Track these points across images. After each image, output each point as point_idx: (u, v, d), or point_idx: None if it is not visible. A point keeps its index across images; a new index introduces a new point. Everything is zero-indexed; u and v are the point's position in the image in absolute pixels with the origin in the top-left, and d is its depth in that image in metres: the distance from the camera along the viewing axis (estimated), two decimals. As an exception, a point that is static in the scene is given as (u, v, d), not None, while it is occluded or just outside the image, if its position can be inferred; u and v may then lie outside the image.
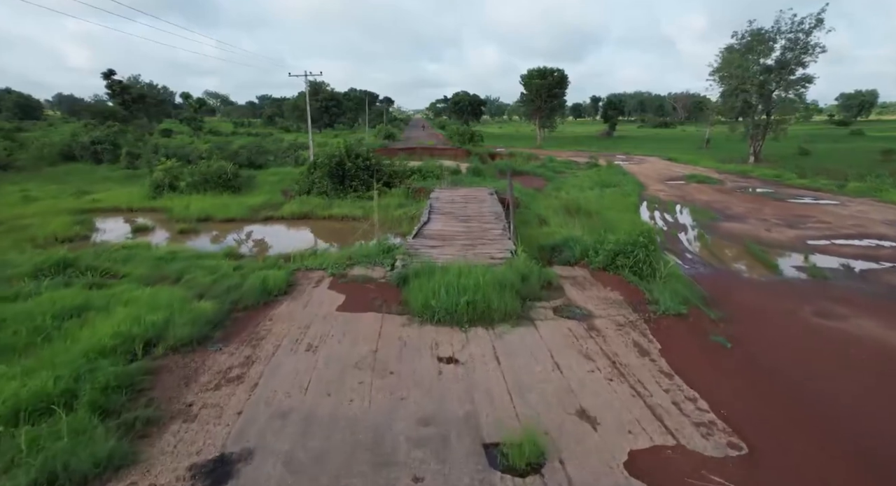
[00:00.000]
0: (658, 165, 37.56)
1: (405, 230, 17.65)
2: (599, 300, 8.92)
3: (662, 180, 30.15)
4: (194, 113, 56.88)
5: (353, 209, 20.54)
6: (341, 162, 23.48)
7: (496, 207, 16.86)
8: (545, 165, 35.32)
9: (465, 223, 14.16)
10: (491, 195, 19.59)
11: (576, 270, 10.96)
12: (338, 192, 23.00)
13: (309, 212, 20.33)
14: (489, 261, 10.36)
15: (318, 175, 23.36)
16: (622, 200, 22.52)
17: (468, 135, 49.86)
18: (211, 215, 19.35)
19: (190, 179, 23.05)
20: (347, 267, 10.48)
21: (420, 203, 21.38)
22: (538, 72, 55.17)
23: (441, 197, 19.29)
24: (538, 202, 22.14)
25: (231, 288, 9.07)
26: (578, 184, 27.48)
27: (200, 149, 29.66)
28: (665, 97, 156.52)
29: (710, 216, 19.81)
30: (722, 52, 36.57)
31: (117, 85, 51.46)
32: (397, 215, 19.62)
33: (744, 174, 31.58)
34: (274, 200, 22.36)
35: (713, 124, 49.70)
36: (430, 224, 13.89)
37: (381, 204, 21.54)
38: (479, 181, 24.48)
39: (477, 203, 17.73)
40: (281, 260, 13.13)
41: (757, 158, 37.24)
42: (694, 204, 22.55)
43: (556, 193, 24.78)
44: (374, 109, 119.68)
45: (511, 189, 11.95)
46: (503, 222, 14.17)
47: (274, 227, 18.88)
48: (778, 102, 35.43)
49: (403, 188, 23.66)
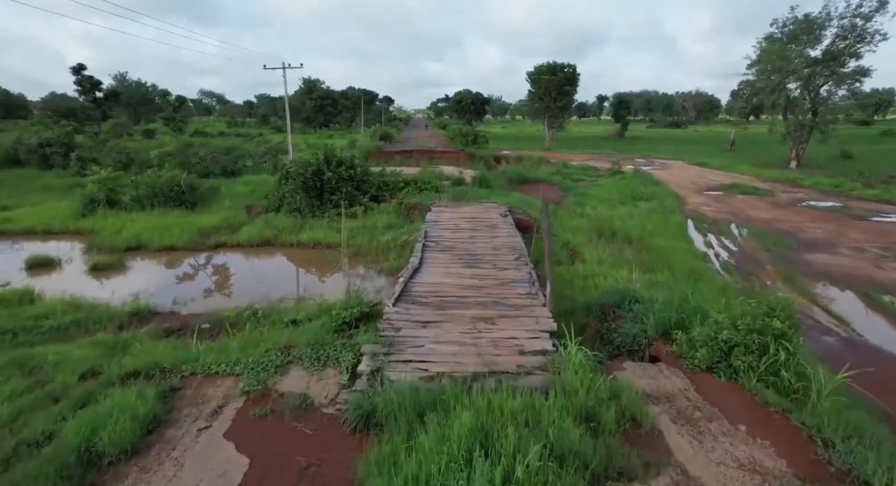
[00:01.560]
0: (688, 172, 33.19)
1: (391, 266, 13.39)
2: (744, 474, 4.54)
3: (700, 191, 25.81)
4: (174, 112, 52.62)
5: (330, 233, 16.27)
6: (319, 171, 19.21)
7: (514, 238, 12.57)
8: (560, 172, 31.02)
9: (474, 269, 9.88)
10: (504, 217, 15.29)
11: (662, 373, 6.59)
12: (314, 208, 18.72)
13: (273, 237, 16.06)
14: (518, 360, 6.09)
15: (289, 188, 19.08)
16: (665, 220, 18.20)
17: (471, 136, 45.51)
18: (145, 242, 15.09)
19: (134, 192, 18.78)
20: (277, 371, 6.19)
21: (414, 224, 17.12)
22: (548, 67, 50.72)
23: (440, 220, 15.00)
24: (561, 222, 17.84)
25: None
26: (605, 196, 23.17)
27: (169, 150, 25.36)
28: (673, 96, 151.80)
29: (784, 243, 15.48)
30: (760, 43, 32.18)
31: (87, 81, 47.17)
32: (384, 242, 15.36)
33: (793, 183, 27.21)
34: (234, 219, 18.08)
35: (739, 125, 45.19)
36: (422, 273, 9.60)
37: (366, 225, 17.29)
38: (487, 195, 20.20)
39: (487, 230, 13.43)
40: (202, 323, 8.95)
41: (799, 162, 32.84)
42: (752, 224, 18.23)
43: (580, 208, 20.48)
44: (374, 109, 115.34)
45: (547, 225, 7.57)
46: (528, 267, 9.87)
47: (222, 258, 14.62)
48: (827, 98, 30.97)
49: (395, 204, 19.39)
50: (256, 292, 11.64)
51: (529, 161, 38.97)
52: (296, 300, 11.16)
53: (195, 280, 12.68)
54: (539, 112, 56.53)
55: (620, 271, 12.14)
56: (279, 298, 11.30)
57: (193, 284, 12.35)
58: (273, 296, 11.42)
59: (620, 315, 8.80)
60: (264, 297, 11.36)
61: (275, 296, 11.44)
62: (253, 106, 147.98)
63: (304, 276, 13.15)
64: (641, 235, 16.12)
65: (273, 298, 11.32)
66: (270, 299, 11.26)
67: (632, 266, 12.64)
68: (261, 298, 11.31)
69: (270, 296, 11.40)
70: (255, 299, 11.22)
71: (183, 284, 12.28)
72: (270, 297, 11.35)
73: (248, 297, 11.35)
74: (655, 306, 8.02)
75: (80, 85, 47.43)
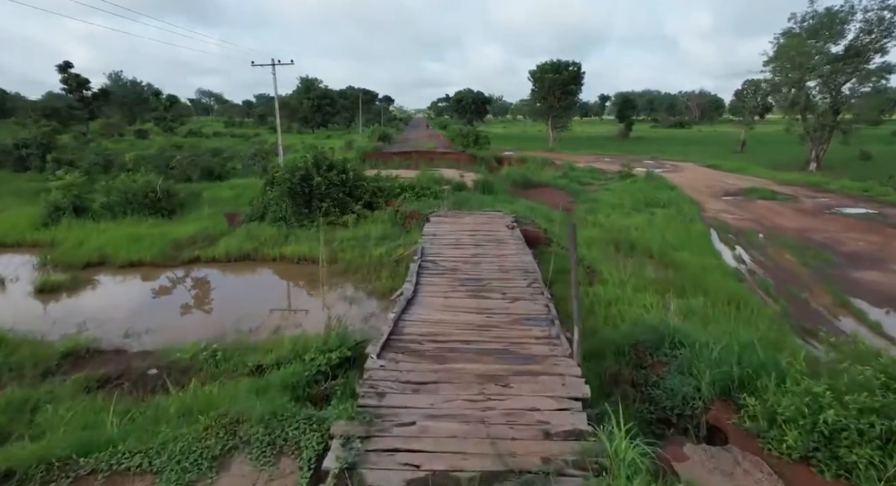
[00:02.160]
0: (700, 174, 31.53)
1: (384, 286, 11.76)
2: None
3: (717, 196, 24.16)
4: (164, 111, 50.94)
5: (317, 246, 14.59)
6: (307, 176, 17.58)
7: (524, 256, 10.91)
8: (567, 175, 29.36)
9: (479, 299, 8.24)
10: (511, 229, 13.64)
11: (739, 465, 4.70)
12: (301, 217, 17.09)
13: (254, 250, 14.42)
14: (542, 449, 4.47)
15: (274, 195, 17.44)
16: (686, 231, 16.54)
17: (473, 136, 43.80)
18: (108, 257, 13.45)
19: (105, 199, 17.15)
20: (213, 465, 4.53)
21: (411, 235, 15.49)
22: (551, 66, 49.00)
23: (439, 233, 13.36)
24: (572, 233, 16.20)
25: None
26: (617, 202, 21.53)
27: (144, 153, 23.69)
28: (676, 96, 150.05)
29: (824, 258, 13.83)
30: (777, 38, 30.49)
31: (73, 79, 45.39)
32: (376, 256, 13.73)
33: (817, 187, 25.54)
34: (214, 228, 16.44)
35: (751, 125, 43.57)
36: (416, 305, 7.94)
37: (357, 235, 15.67)
38: (491, 202, 18.52)
39: (493, 246, 11.78)
40: (148, 368, 7.35)
41: (819, 164, 31.17)
42: (782, 234, 16.58)
43: (591, 216, 18.84)
44: (373, 109, 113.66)
45: (575, 259, 5.89)
46: (545, 298, 8.23)
47: (193, 277, 12.98)
48: (850, 97, 29.26)
49: (390, 212, 17.75)
50: (226, 320, 10.03)
51: (533, 163, 37.33)
52: (271, 332, 9.52)
53: (157, 305, 11.04)
54: (542, 112, 54.84)
55: (648, 295, 10.53)
56: (251, 328, 9.67)
57: (154, 309, 10.71)
58: (244, 325, 9.81)
59: (661, 361, 7.17)
60: (235, 325, 9.75)
61: (247, 325, 9.82)
62: (252, 106, 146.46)
63: (282, 299, 11.50)
64: (663, 248, 14.49)
65: (244, 327, 9.71)
66: (241, 329, 9.65)
67: (660, 289, 11.02)
68: (230, 326, 9.71)
69: (241, 325, 9.79)
70: (223, 329, 9.62)
71: (141, 309, 10.62)
72: (241, 326, 9.74)
73: (216, 326, 9.74)
74: (709, 355, 6.38)
75: (67, 83, 45.73)
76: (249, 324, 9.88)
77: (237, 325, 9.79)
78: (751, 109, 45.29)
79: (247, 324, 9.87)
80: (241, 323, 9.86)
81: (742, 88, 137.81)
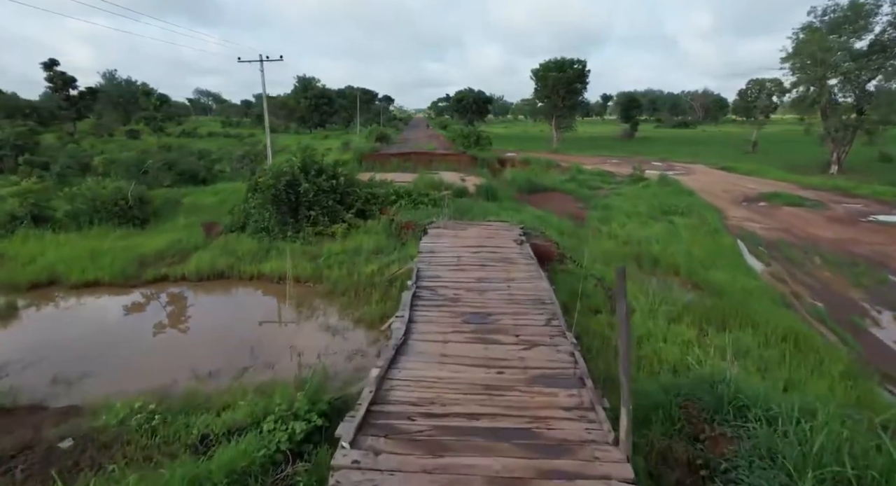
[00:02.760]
0: (715, 178, 29.84)
1: (374, 312, 10.13)
2: None
3: (737, 202, 22.50)
4: (154, 111, 49.21)
5: (302, 261, 12.97)
6: (294, 182, 15.93)
7: (537, 281, 9.24)
8: (574, 179, 27.68)
9: (486, 343, 6.58)
10: (520, 244, 11.97)
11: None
12: (286, 228, 15.44)
13: (229, 267, 12.77)
14: None
15: (256, 203, 15.80)
16: (713, 243, 14.89)
17: (474, 137, 42.10)
18: (60, 276, 11.80)
19: (69, 207, 15.50)
20: None
21: (407, 248, 13.85)
22: (555, 64, 47.28)
23: (438, 249, 11.69)
24: (587, 245, 14.54)
25: None
26: (631, 209, 19.86)
27: (111, 156, 21.95)
28: (679, 96, 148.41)
29: (879, 278, 12.16)
30: (796, 33, 28.79)
31: (58, 77, 43.59)
32: (367, 274, 12.09)
33: (844, 192, 23.86)
34: (189, 240, 14.79)
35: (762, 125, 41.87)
36: (408, 354, 6.26)
37: (347, 249, 14.02)
38: (495, 210, 16.84)
39: (501, 267, 10.11)
40: (63, 439, 5.76)
41: (841, 166, 29.46)
42: (819, 246, 14.92)
43: (605, 226, 17.18)
44: (373, 109, 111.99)
45: (626, 312, 4.21)
46: (568, 342, 6.56)
47: (156, 301, 11.33)
48: (876, 95, 27.53)
49: (384, 221, 16.10)
50: (182, 360, 8.38)
51: (537, 165, 35.72)
52: (233, 378, 7.87)
53: (103, 338, 9.35)
54: (545, 112, 53.15)
55: (684, 327, 8.88)
56: (211, 371, 8.03)
57: (99, 345, 9.03)
58: (203, 366, 8.16)
59: (724, 434, 5.50)
60: (192, 367, 8.11)
61: (207, 366, 8.18)
62: (250, 105, 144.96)
63: (253, 331, 9.83)
64: (691, 264, 12.84)
65: (203, 369, 8.06)
66: (199, 371, 8.01)
67: (696, 317, 9.37)
68: (186, 369, 8.07)
69: (200, 366, 8.15)
70: (177, 371, 7.98)
71: (84, 345, 8.96)
72: (200, 368, 8.10)
73: (169, 368, 8.10)
74: (804, 438, 4.69)
75: (52, 82, 43.98)
76: (210, 364, 8.24)
77: (195, 366, 8.15)
78: (762, 108, 43.40)
79: (207, 364, 8.23)
80: (199, 364, 8.22)
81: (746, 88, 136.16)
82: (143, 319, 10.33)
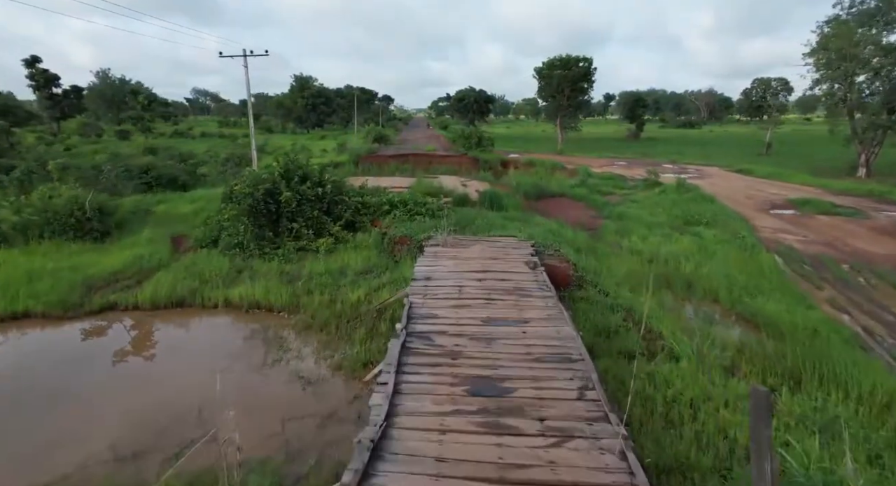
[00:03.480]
0: (733, 182, 27.91)
1: (357, 357, 8.25)
2: None
3: (762, 209, 20.60)
4: (142, 111, 47.31)
5: (279, 285, 11.12)
6: (274, 191, 14.08)
7: (560, 325, 7.34)
8: (584, 183, 25.74)
9: (499, 434, 4.73)
10: (534, 269, 10.07)
11: None
12: (264, 243, 13.58)
13: (191, 293, 10.92)
14: None
15: (229, 214, 13.93)
16: (752, 262, 12.99)
17: (476, 138, 40.19)
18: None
19: (16, 218, 13.65)
20: None
21: (400, 268, 12.01)
22: (560, 61, 45.34)
23: (435, 275, 9.80)
24: (607, 264, 12.66)
25: None
26: (649, 218, 17.98)
27: (63, 161, 19.85)
28: (683, 95, 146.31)
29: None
30: (821, 26, 26.89)
31: (41, 75, 41.67)
32: (352, 301, 10.26)
33: (881, 198, 21.94)
34: (151, 258, 12.93)
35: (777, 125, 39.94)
36: (387, 459, 4.38)
37: (331, 269, 12.17)
38: (502, 222, 14.91)
39: (512, 302, 8.21)
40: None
41: (869, 169, 27.55)
42: (874, 265, 13.03)
43: (624, 239, 15.29)
44: (373, 108, 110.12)
45: (772, 461, 2.32)
46: (614, 428, 4.68)
47: (91, 341, 9.47)
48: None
49: (376, 234, 14.24)
50: (101, 434, 6.51)
51: (542, 167, 33.85)
52: (161, 465, 5.99)
53: (8, 400, 7.47)
54: (550, 111, 51.23)
55: (744, 384, 7.00)
56: (134, 452, 6.15)
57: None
58: (126, 446, 6.29)
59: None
60: (110, 446, 6.25)
61: (130, 445, 6.31)
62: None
63: (205, 385, 7.93)
64: (731, 289, 10.95)
65: (123, 451, 6.20)
66: (119, 453, 6.15)
67: (756, 368, 7.50)
68: (102, 447, 6.21)
69: (121, 447, 6.27)
70: (89, 453, 6.12)
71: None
72: (120, 449, 6.22)
73: (76, 450, 6.22)
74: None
75: (34, 80, 42.07)
76: (138, 440, 6.37)
77: (117, 442, 6.30)
78: (776, 107, 41.51)
79: (133, 440, 6.37)
80: (123, 440, 6.36)
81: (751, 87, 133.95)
82: (64, 368, 8.40)
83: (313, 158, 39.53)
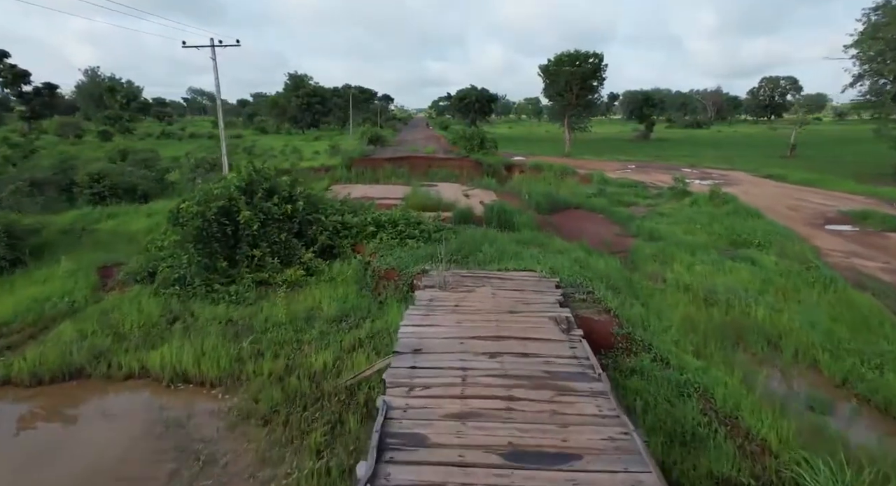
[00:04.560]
0: (768, 190, 24.93)
1: (307, 477, 5.36)
2: None
3: (813, 223, 17.66)
4: (120, 110, 44.37)
5: (223, 341, 8.21)
6: (230, 209, 11.18)
7: (635, 466, 4.37)
8: (602, 192, 22.79)
9: None
10: (568, 328, 7.12)
11: None
12: (213, 277, 10.66)
13: (93, 358, 7.98)
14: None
15: (170, 240, 11.03)
16: (843, 304, 10.04)
17: (477, 139, 37.23)
18: None
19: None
20: None
21: (384, 312, 9.17)
22: (569, 57, 42.37)
23: (426, 339, 6.88)
24: (654, 307, 9.72)
25: None
26: (687, 237, 15.07)
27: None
28: (688, 94, 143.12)
29: None
30: (867, 14, 23.92)
31: (9, 71, 38.56)
32: (316, 370, 7.38)
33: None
34: (62, 298, 10.00)
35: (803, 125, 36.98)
36: None
37: (297, 312, 9.31)
38: (514, 248, 11.90)
39: (544, 392, 5.29)
40: None
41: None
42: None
43: (663, 266, 12.35)
44: (372, 108, 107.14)
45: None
46: None
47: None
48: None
49: (357, 263, 11.33)
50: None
51: (551, 172, 30.89)
52: None
53: None
54: (555, 111, 48.26)
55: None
56: None
57: None
58: None
59: None
60: None
61: None
62: (246, 104, 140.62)
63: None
64: (836, 351, 8.03)
65: None
66: None
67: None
68: None
69: None
70: None
71: None
72: None
73: None
74: None
75: (2, 77, 39.01)
76: None
77: None
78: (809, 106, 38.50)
79: None
80: None
81: (759, 86, 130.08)
82: None
83: (304, 161, 36.69)
